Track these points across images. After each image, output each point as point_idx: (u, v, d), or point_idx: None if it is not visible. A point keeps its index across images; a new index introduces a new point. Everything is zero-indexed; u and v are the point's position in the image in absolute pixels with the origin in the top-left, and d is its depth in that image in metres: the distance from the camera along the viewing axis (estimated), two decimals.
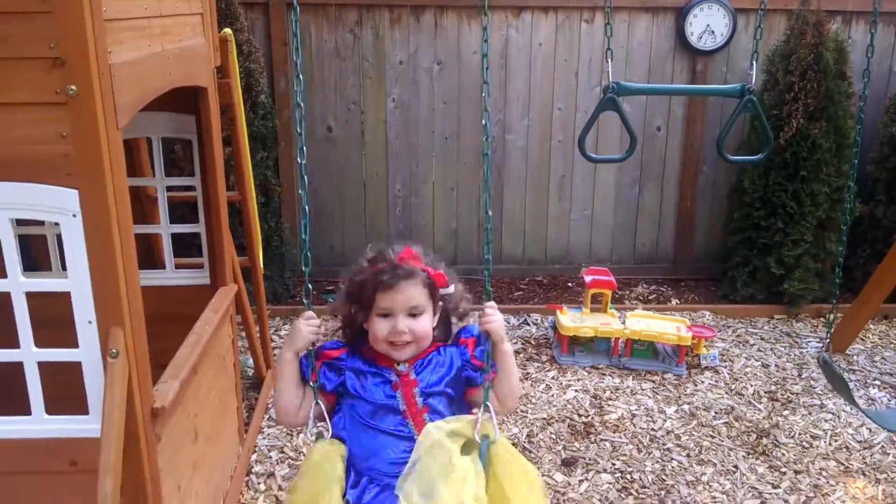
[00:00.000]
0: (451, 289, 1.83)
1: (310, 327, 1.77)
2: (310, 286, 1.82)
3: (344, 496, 1.69)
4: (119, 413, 1.79)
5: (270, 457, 3.26)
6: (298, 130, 1.78)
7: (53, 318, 1.87)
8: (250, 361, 3.79)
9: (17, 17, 1.60)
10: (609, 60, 2.88)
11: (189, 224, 2.95)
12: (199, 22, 2.63)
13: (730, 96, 3.07)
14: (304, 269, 1.78)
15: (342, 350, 1.81)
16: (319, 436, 1.76)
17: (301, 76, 1.85)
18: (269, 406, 3.63)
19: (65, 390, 1.92)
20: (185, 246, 3.40)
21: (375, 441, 1.73)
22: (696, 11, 4.85)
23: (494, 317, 1.77)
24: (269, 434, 3.42)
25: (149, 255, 3.21)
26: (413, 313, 1.73)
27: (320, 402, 1.76)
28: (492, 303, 1.79)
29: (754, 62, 3.00)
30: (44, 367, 1.83)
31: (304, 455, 3.27)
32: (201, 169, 2.82)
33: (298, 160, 1.76)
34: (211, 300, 2.77)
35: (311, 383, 1.77)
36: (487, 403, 1.76)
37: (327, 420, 1.76)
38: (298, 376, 1.79)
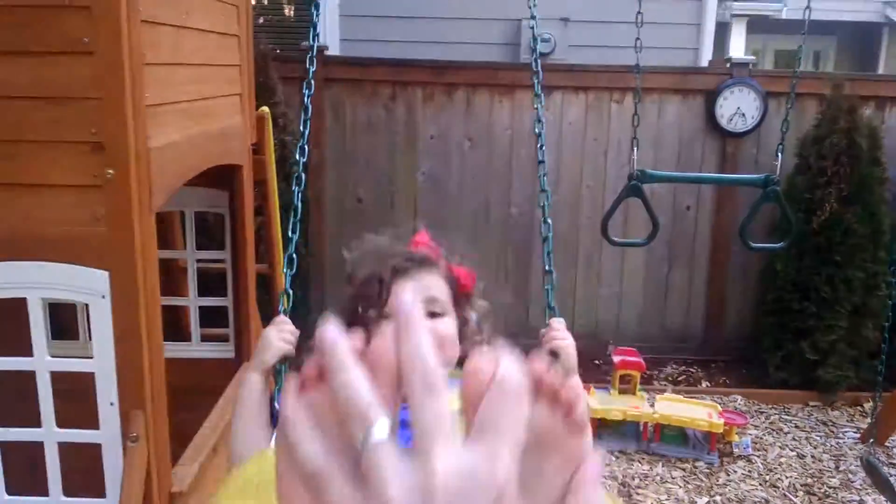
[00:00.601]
0: (477, 299, 1.35)
1: (282, 335, 1.37)
2: (289, 290, 1.62)
3: None
4: (136, 498, 1.76)
5: None
6: (298, 157, 1.78)
7: (76, 392, 1.86)
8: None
9: (69, 101, 1.64)
10: (635, 148, 2.89)
11: (217, 297, 2.96)
12: (238, 101, 2.69)
13: (753, 185, 3.05)
14: (284, 270, 1.65)
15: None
16: None
17: (310, 105, 1.84)
18: None
19: (85, 467, 1.90)
20: (211, 316, 3.40)
21: None
22: (727, 94, 4.87)
23: (564, 333, 1.37)
24: None
25: (175, 325, 3.21)
26: (432, 311, 1.22)
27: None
28: (560, 318, 1.42)
29: (779, 153, 2.98)
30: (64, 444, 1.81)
31: None
32: (232, 243, 2.85)
33: (297, 157, 1.78)
34: (235, 375, 2.75)
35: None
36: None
37: None
38: (265, 411, 1.30)
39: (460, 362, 1.18)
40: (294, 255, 1.67)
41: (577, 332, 5.31)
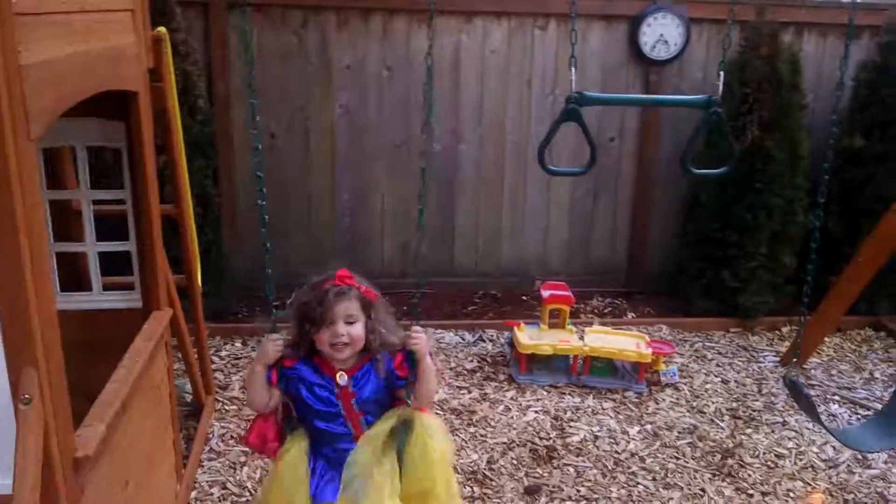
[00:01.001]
0: (377, 307, 2.20)
1: (276, 347, 2.16)
2: (275, 311, 2.23)
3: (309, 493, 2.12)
4: (34, 466, 1.54)
5: (212, 494, 3.00)
6: (257, 145, 2.06)
7: None
8: (188, 387, 3.51)
9: None
10: (573, 68, 2.73)
11: (118, 241, 2.68)
12: (130, 18, 2.37)
13: (695, 107, 2.95)
14: (268, 297, 2.29)
15: (295, 360, 2.16)
16: (293, 429, 2.21)
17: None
18: (210, 437, 3.37)
19: None
20: (116, 264, 3.12)
21: (323, 435, 2.16)
22: (650, 20, 4.78)
23: (420, 337, 2.16)
24: (209, 468, 3.15)
25: (74, 275, 2.92)
26: (349, 321, 2.09)
27: (283, 397, 2.20)
28: (417, 327, 2.19)
29: (720, 73, 2.89)
30: None
31: (248, 491, 3.03)
32: (132, 181, 2.56)
33: (257, 174, 2.18)
34: (143, 326, 2.51)
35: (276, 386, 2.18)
36: (408, 401, 2.17)
37: (292, 408, 2.21)
38: (266, 383, 2.16)
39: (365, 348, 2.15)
40: (269, 271, 2.40)
41: (503, 268, 5.27)
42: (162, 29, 2.72)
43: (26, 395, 1.55)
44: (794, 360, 3.06)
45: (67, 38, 1.81)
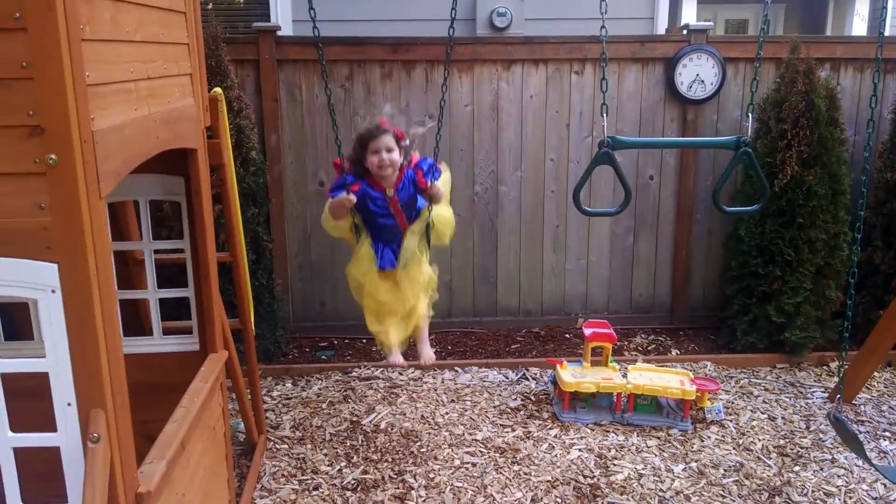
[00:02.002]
0: (406, 141, 3.31)
1: (351, 199, 3.18)
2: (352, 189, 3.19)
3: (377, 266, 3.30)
4: (101, 502, 1.67)
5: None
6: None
7: (32, 390, 1.76)
8: (241, 426, 3.65)
9: (1, 82, 1.52)
10: (604, 115, 2.84)
11: (177, 288, 2.85)
12: (188, 82, 2.57)
13: (725, 148, 3.02)
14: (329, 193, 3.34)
15: (359, 184, 3.22)
16: (361, 233, 3.35)
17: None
18: (262, 475, 3.48)
19: (46, 472, 1.81)
20: (174, 307, 3.29)
21: (381, 227, 3.31)
22: (686, 62, 4.86)
23: (439, 187, 3.27)
24: None
25: (135, 320, 3.10)
26: (388, 149, 3.18)
27: (353, 196, 3.19)
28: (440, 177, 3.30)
29: (749, 114, 2.96)
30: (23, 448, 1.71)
31: None
32: (190, 231, 2.73)
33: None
34: (200, 368, 2.65)
35: (349, 194, 3.18)
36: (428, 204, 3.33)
37: (359, 220, 3.33)
38: (343, 209, 3.25)
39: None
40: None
41: (545, 307, 5.31)
42: (218, 90, 2.92)
43: (95, 434, 1.68)
44: (838, 395, 3.04)
45: (134, 104, 1.99)
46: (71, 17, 1.53)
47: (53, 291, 1.60)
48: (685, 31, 4.97)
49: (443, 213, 3.41)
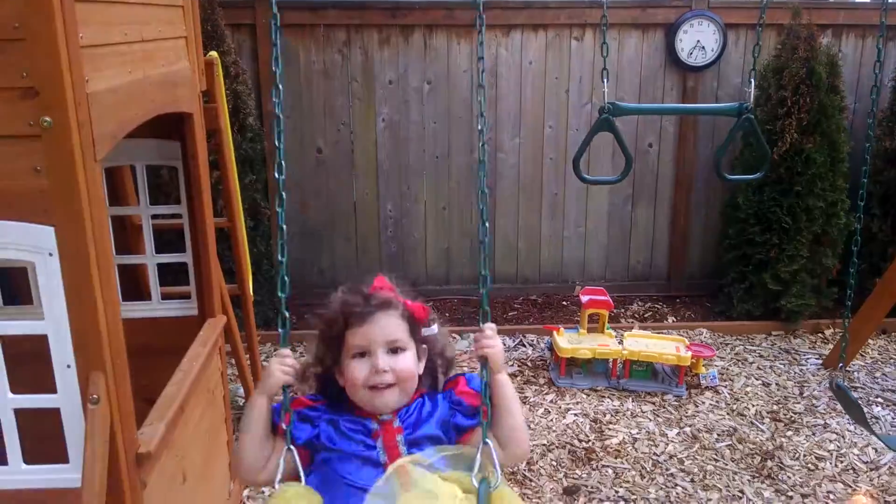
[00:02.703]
0: (434, 328, 1.61)
1: (283, 367, 1.53)
2: (286, 313, 1.56)
3: None
4: (101, 461, 1.69)
5: (263, 492, 3.15)
6: (277, 144, 1.72)
7: (32, 354, 1.77)
8: (241, 390, 3.69)
9: None
10: (605, 80, 2.82)
11: (176, 253, 2.86)
12: (184, 45, 2.54)
13: (727, 115, 3.01)
14: (279, 294, 1.56)
15: (319, 401, 1.58)
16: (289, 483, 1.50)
17: (280, 86, 1.77)
18: None
19: (48, 435, 1.83)
20: (173, 273, 3.30)
21: (347, 490, 1.44)
22: (686, 27, 4.82)
23: (493, 340, 1.51)
24: None
25: (134, 285, 3.11)
26: (393, 348, 1.51)
27: (293, 450, 1.48)
28: (491, 324, 1.53)
29: (751, 80, 2.94)
30: (24, 410, 1.73)
31: None
32: (188, 196, 2.73)
33: (276, 176, 1.65)
34: (199, 333, 2.67)
35: (283, 425, 1.50)
36: (487, 440, 1.44)
37: (301, 475, 1.48)
38: (268, 425, 1.54)
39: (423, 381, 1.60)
40: (286, 278, 1.59)
41: (542, 274, 5.36)
42: (213, 53, 2.90)
43: (95, 396, 1.70)
44: (840, 364, 3.05)
45: (128, 67, 1.98)
46: None
47: (51, 254, 1.60)
48: None
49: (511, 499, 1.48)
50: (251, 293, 3.57)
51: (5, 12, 1.48)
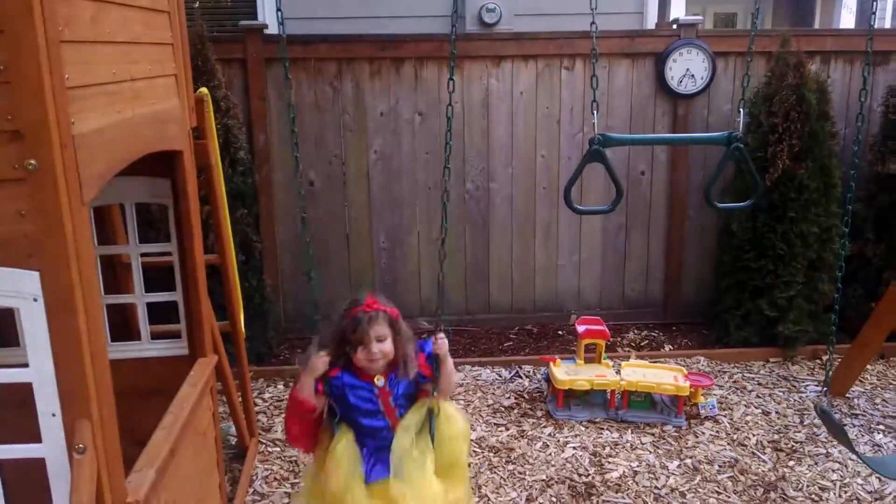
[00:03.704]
0: (402, 323, 2.49)
1: (323, 362, 2.40)
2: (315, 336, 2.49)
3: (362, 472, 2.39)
4: None
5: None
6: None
7: (18, 402, 1.72)
8: (233, 430, 3.61)
9: None
10: (595, 112, 2.81)
11: (165, 292, 2.81)
12: (174, 83, 2.53)
13: (716, 144, 3.01)
14: (313, 319, 2.67)
15: (337, 370, 2.42)
16: (340, 420, 2.44)
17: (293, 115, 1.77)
18: (254, 479, 3.45)
19: (32, 483, 1.77)
20: (163, 310, 3.25)
21: (366, 429, 2.42)
22: (676, 56, 4.84)
23: (443, 342, 2.46)
24: None
25: (123, 324, 3.06)
26: (380, 340, 2.38)
27: (327, 398, 2.45)
28: (441, 333, 2.48)
29: (741, 110, 2.94)
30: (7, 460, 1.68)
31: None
32: (177, 234, 2.69)
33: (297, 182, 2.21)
34: (190, 373, 2.62)
35: (320, 387, 2.42)
36: (434, 393, 2.46)
37: (336, 409, 2.45)
38: (313, 391, 2.40)
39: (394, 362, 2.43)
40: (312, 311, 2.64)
41: (537, 304, 5.30)
42: (204, 90, 2.88)
43: (81, 445, 1.65)
44: (825, 388, 3.03)
45: (117, 106, 1.95)
46: (49, 18, 1.49)
47: (35, 300, 1.56)
48: (675, 26, 4.96)
49: (455, 413, 2.53)
50: (243, 329, 3.52)
51: None
